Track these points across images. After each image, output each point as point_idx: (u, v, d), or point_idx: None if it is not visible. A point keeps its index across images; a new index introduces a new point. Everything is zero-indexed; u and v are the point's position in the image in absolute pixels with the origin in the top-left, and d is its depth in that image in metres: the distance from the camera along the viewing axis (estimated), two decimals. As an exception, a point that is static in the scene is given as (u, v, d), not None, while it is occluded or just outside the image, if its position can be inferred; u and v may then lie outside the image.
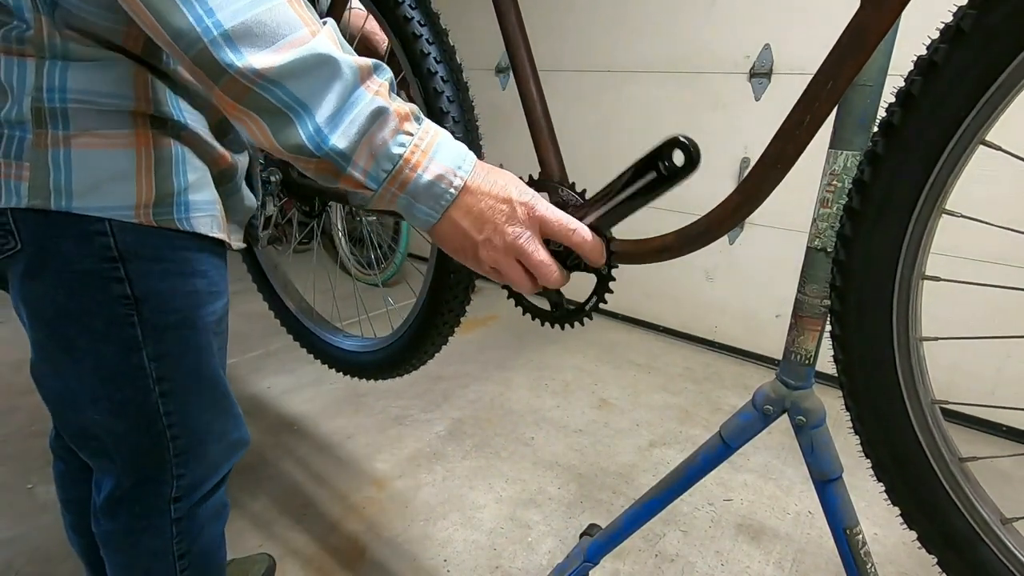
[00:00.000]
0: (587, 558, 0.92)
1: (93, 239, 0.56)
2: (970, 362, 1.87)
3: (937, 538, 0.58)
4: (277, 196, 1.03)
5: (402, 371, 1.03)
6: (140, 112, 0.56)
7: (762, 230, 2.21)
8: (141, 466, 0.68)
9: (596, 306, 0.65)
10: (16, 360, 2.00)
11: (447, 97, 0.77)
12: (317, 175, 0.48)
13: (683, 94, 2.28)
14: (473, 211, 0.51)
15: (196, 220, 0.61)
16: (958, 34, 0.44)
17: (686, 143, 0.48)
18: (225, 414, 0.74)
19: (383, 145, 0.47)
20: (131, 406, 0.64)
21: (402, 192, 0.49)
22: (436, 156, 0.49)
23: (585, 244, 0.54)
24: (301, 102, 0.44)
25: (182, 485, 0.70)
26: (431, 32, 0.77)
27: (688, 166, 0.49)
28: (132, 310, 0.60)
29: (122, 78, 0.54)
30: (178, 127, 0.59)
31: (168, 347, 0.63)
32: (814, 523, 1.43)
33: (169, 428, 0.66)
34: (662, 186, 0.52)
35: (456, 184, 0.49)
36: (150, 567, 0.72)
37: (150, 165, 0.57)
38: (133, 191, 0.56)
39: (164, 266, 0.61)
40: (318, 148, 0.45)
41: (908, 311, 0.53)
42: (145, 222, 0.58)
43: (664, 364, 2.30)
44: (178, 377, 0.65)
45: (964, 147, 0.46)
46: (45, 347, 0.62)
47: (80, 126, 0.53)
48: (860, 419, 0.59)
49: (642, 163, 0.52)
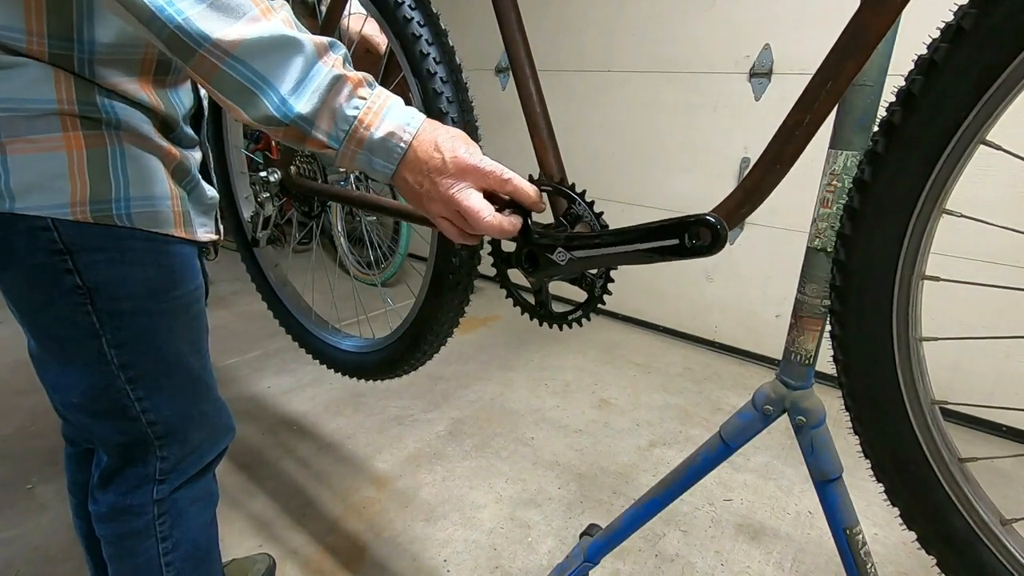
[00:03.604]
0: (587, 558, 0.92)
1: (39, 234, 0.59)
2: (970, 362, 1.87)
3: (936, 539, 0.58)
4: (276, 196, 1.03)
5: (400, 372, 1.03)
6: (67, 113, 0.58)
7: (762, 230, 2.21)
8: (124, 446, 0.71)
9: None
10: (16, 360, 2.00)
11: (446, 98, 0.77)
12: (286, 140, 0.53)
13: (683, 94, 2.27)
14: (414, 168, 0.56)
15: (137, 216, 0.64)
16: (958, 33, 0.44)
17: (717, 226, 0.50)
18: (203, 399, 0.76)
19: (340, 108, 0.53)
20: (101, 390, 0.67)
21: (360, 149, 0.54)
22: (387, 116, 0.54)
23: (519, 190, 0.59)
24: (264, 78, 0.49)
25: (165, 468, 0.73)
26: (431, 32, 0.77)
27: (711, 247, 0.51)
28: (86, 299, 0.63)
29: (40, 81, 0.56)
30: (113, 125, 0.61)
31: (126, 333, 0.66)
32: (814, 523, 1.43)
33: (143, 412, 0.70)
34: (676, 255, 0.53)
35: (405, 139, 0.55)
36: (135, 547, 0.74)
37: (82, 164, 0.59)
38: (67, 190, 0.59)
39: (110, 255, 0.63)
40: (285, 116, 0.51)
41: (908, 311, 0.53)
42: (82, 218, 0.60)
43: (664, 364, 2.30)
44: (142, 363, 0.68)
45: (964, 147, 0.46)
46: (33, 336, 0.67)
47: (10, 133, 0.56)
48: (860, 419, 0.59)
49: (667, 226, 0.53)
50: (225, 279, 2.87)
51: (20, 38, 0.54)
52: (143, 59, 0.62)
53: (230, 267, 2.68)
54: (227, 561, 1.17)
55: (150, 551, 0.74)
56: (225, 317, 2.52)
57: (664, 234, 0.53)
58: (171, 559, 0.75)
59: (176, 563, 0.76)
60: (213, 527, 0.83)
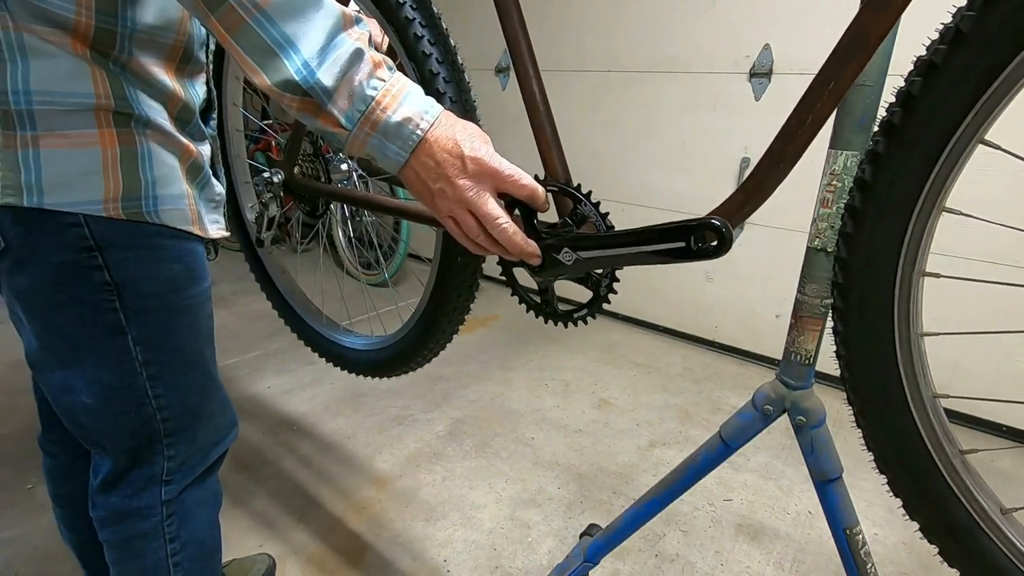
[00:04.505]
0: (587, 558, 0.92)
1: (68, 231, 0.59)
2: (971, 361, 1.88)
3: (938, 528, 0.59)
4: (279, 197, 1.04)
5: (404, 370, 1.03)
6: (102, 108, 0.58)
7: (762, 230, 2.22)
8: (133, 448, 0.70)
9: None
10: (15, 360, 2.00)
11: (449, 98, 0.77)
12: (300, 113, 0.51)
13: (683, 94, 2.28)
14: (428, 163, 0.54)
15: (164, 213, 0.64)
16: (958, 35, 0.44)
17: (723, 229, 0.51)
18: (213, 396, 0.77)
19: (359, 86, 0.51)
20: (121, 389, 0.67)
21: (374, 132, 0.52)
22: (405, 101, 0.52)
23: (536, 196, 0.58)
24: (289, 39, 0.48)
25: (172, 467, 0.73)
26: (433, 33, 0.77)
27: (717, 250, 0.52)
28: (113, 295, 0.63)
29: (78, 73, 0.56)
30: (142, 122, 0.61)
31: (151, 330, 0.66)
32: (814, 523, 1.43)
33: (159, 410, 0.69)
34: (682, 258, 0.54)
35: (423, 127, 0.53)
36: (142, 549, 0.73)
37: (116, 162, 0.59)
38: (101, 187, 0.59)
39: (139, 253, 0.63)
40: (305, 81, 0.49)
41: (909, 307, 0.54)
42: (115, 215, 0.60)
43: (664, 364, 2.30)
44: (163, 359, 0.68)
45: (964, 146, 0.47)
46: (43, 337, 0.65)
47: (46, 127, 0.56)
48: (862, 413, 0.60)
49: (674, 228, 0.54)
50: (225, 279, 2.87)
51: (71, 9, 0.54)
52: (173, 45, 0.63)
53: (230, 267, 2.68)
54: (227, 561, 1.17)
55: (158, 552, 0.73)
56: (225, 317, 2.52)
57: (671, 236, 0.54)
58: (179, 559, 0.75)
59: (184, 564, 0.75)
60: (217, 526, 0.82)
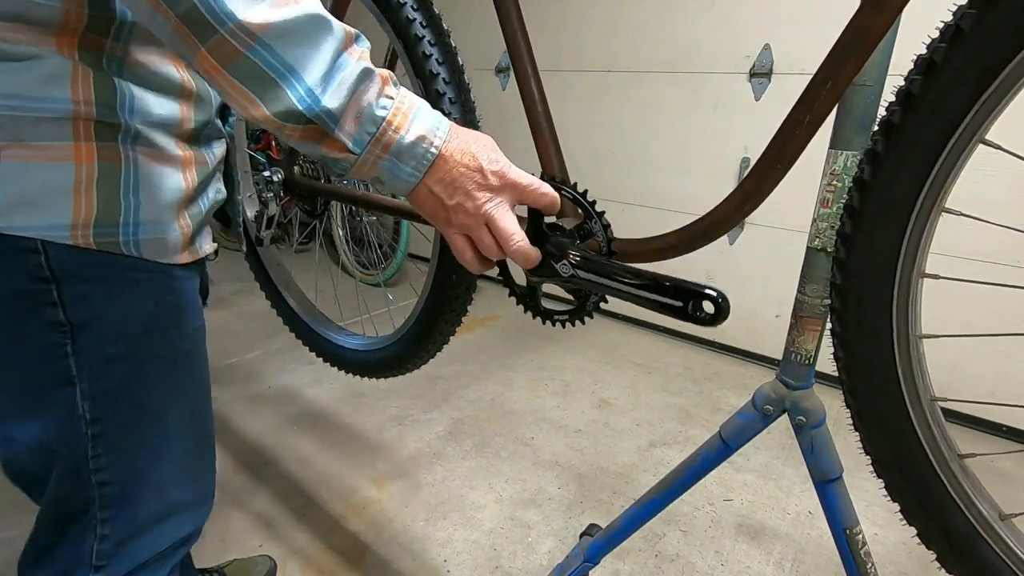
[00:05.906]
0: (587, 558, 0.92)
1: (24, 257, 0.49)
2: (970, 363, 1.87)
3: (936, 534, 0.58)
4: (278, 196, 1.04)
5: (402, 370, 1.03)
6: (81, 117, 0.48)
7: (762, 230, 2.22)
8: (60, 519, 0.58)
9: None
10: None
11: (449, 99, 0.77)
12: (301, 142, 0.47)
13: (683, 94, 2.28)
14: (445, 178, 0.51)
15: (145, 244, 0.53)
16: (957, 33, 0.44)
17: (721, 303, 0.51)
18: (168, 461, 0.61)
19: (368, 107, 0.47)
20: (60, 449, 0.55)
21: (386, 154, 0.49)
22: (416, 117, 0.49)
23: (555, 203, 0.58)
24: (290, 66, 0.43)
25: (103, 550, 0.58)
26: (433, 34, 0.77)
27: (711, 321, 0.52)
28: (67, 338, 0.51)
29: (57, 76, 0.47)
30: (131, 135, 0.51)
31: (106, 383, 0.55)
32: (814, 523, 1.43)
33: (94, 472, 0.56)
34: (674, 316, 0.54)
35: (436, 144, 0.50)
36: None
37: (91, 181, 0.49)
38: (69, 209, 0.49)
39: (109, 288, 0.53)
40: (309, 109, 0.44)
41: (908, 308, 0.53)
42: (83, 243, 0.50)
43: (664, 364, 2.30)
44: (114, 417, 0.56)
45: (964, 146, 0.47)
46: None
47: (11, 136, 0.46)
48: (860, 416, 0.60)
49: (678, 287, 0.54)
50: (225, 279, 2.87)
51: (57, 3, 0.46)
52: None
53: (230, 267, 2.68)
54: (228, 560, 1.17)
55: None
56: (225, 317, 2.52)
57: (672, 293, 0.54)
58: None
59: None
60: None
